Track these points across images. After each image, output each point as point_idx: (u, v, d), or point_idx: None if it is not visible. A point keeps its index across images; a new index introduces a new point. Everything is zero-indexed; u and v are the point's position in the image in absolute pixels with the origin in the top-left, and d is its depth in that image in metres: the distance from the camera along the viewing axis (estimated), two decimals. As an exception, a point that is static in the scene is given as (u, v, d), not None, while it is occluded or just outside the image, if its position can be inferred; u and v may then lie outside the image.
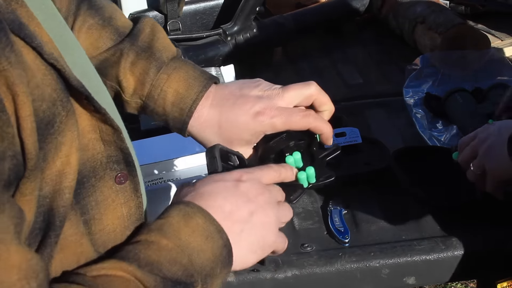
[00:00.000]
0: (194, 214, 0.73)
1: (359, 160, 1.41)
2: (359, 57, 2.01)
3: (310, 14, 2.07)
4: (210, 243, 0.72)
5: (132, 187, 0.77)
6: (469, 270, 1.21)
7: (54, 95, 0.64)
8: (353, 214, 1.27)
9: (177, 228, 0.72)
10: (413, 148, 1.42)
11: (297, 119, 0.93)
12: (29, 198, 0.61)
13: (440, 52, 1.76)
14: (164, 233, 0.71)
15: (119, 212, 0.75)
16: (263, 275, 1.14)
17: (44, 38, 0.65)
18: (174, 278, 0.68)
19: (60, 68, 0.65)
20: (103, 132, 0.73)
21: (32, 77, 0.62)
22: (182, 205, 0.74)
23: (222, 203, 0.77)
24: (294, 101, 0.95)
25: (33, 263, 0.57)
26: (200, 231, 0.72)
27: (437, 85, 1.66)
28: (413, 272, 1.18)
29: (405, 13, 1.97)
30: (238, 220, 0.77)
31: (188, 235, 0.71)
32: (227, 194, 0.77)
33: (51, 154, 0.64)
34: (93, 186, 0.71)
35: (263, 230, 0.79)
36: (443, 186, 1.31)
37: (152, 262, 0.68)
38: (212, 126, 0.93)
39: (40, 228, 0.64)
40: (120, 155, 0.75)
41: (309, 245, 1.21)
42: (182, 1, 1.94)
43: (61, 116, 0.65)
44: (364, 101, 1.72)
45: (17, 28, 0.61)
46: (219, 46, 1.91)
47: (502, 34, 1.96)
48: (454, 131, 1.48)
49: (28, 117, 0.59)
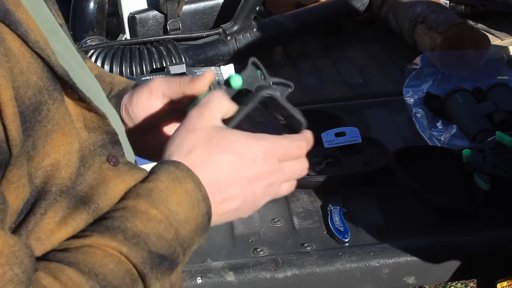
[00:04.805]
0: (184, 179, 0.70)
1: (359, 160, 1.42)
2: (359, 56, 2.01)
3: (310, 14, 2.07)
4: (195, 212, 0.70)
5: (129, 164, 0.75)
6: (469, 270, 1.21)
7: (40, 83, 0.63)
8: (353, 214, 1.27)
9: (166, 194, 0.69)
10: (413, 147, 1.42)
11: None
12: (16, 185, 0.60)
13: (440, 52, 1.76)
14: (153, 201, 0.68)
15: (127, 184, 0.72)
16: (263, 274, 1.15)
17: (31, 25, 0.64)
18: (159, 253, 0.66)
19: (45, 57, 0.65)
20: (87, 120, 0.71)
21: (16, 63, 0.61)
22: (172, 167, 0.71)
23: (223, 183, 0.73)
24: None
25: (16, 249, 0.56)
26: (188, 199, 0.69)
27: (437, 84, 1.66)
28: (413, 272, 1.18)
29: (405, 13, 1.97)
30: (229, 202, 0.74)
31: (177, 204, 0.69)
32: (231, 171, 0.73)
33: (41, 142, 0.63)
34: (82, 175, 0.69)
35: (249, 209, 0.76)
36: (443, 185, 1.31)
37: (139, 234, 0.66)
38: None
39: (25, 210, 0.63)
40: (106, 138, 0.73)
41: (309, 245, 1.21)
42: (182, 1, 1.94)
43: (48, 104, 0.64)
44: (364, 100, 1.73)
45: (2, 15, 0.61)
46: (219, 46, 1.91)
47: (502, 34, 1.97)
48: (454, 130, 1.48)
49: (9, 101, 0.58)
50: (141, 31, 1.95)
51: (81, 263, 0.62)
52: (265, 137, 0.75)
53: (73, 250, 0.64)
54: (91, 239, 0.64)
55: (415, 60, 1.74)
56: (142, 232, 0.66)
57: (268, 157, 0.74)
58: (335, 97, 1.77)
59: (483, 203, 1.24)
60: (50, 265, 0.61)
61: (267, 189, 0.76)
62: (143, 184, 0.70)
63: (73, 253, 0.63)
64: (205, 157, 0.72)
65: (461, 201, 1.28)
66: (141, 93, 0.85)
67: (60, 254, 0.63)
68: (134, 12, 1.96)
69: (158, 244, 0.66)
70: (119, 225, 0.66)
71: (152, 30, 1.97)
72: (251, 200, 0.75)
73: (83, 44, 1.85)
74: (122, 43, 1.87)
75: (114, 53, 1.81)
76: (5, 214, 0.58)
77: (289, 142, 0.76)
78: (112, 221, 0.66)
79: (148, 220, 0.67)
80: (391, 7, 2.05)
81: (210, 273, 1.14)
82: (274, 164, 0.75)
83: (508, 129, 1.35)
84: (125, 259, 0.64)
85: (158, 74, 1.72)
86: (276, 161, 0.75)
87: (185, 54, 1.84)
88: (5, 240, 0.56)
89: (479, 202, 1.25)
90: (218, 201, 0.73)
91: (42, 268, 0.61)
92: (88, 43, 1.86)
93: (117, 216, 0.67)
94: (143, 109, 0.85)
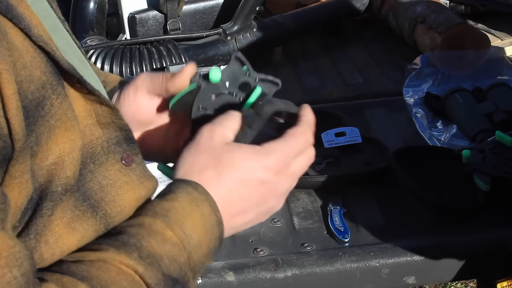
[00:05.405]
0: (202, 203, 0.70)
1: (359, 160, 1.42)
2: (359, 56, 2.01)
3: (310, 14, 2.07)
4: (208, 236, 0.70)
5: (141, 167, 0.74)
6: (469, 270, 1.21)
7: (43, 78, 0.63)
8: (353, 214, 1.27)
9: (182, 216, 0.69)
10: (413, 147, 1.42)
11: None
12: (19, 181, 0.60)
13: (440, 52, 1.76)
14: (169, 222, 0.68)
15: (137, 194, 0.72)
16: (263, 274, 1.15)
17: (33, 21, 0.64)
18: (172, 276, 0.66)
19: (50, 51, 0.64)
20: (100, 115, 0.70)
21: (19, 57, 0.61)
22: (191, 188, 0.71)
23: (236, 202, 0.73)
24: None
25: (15, 250, 0.55)
26: (203, 223, 0.70)
27: (437, 84, 1.66)
28: (413, 272, 1.18)
29: (405, 13, 1.97)
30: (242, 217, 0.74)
31: (192, 228, 0.69)
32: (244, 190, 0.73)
33: (44, 137, 0.62)
34: (92, 172, 0.69)
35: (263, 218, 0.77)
36: (443, 185, 1.31)
37: (153, 254, 0.65)
38: None
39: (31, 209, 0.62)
40: (120, 135, 0.72)
41: (309, 245, 1.21)
42: (182, 1, 1.94)
43: (51, 99, 0.63)
44: (364, 100, 1.73)
45: (4, 9, 0.61)
46: (219, 46, 1.91)
47: (502, 34, 1.97)
48: (454, 130, 1.48)
49: (12, 95, 0.58)
50: (141, 31, 1.95)
51: (94, 278, 0.62)
52: (273, 148, 0.74)
53: (88, 263, 0.63)
54: (106, 254, 0.64)
55: (415, 60, 1.74)
56: (156, 252, 0.66)
57: (280, 168, 0.74)
58: (335, 97, 1.77)
59: (483, 203, 1.24)
60: (63, 278, 0.61)
61: (281, 196, 0.76)
62: (160, 202, 0.70)
63: (87, 266, 0.63)
64: (217, 177, 0.72)
65: (461, 201, 1.28)
66: (128, 90, 0.85)
67: (74, 267, 0.63)
68: (134, 12, 1.96)
69: (171, 267, 0.66)
70: (135, 242, 0.65)
71: (152, 30, 1.97)
72: (265, 211, 0.76)
73: (83, 44, 1.85)
74: (122, 43, 1.87)
75: (114, 53, 1.81)
76: (5, 214, 0.57)
77: (295, 140, 0.75)
78: (128, 238, 0.66)
79: (163, 241, 0.67)
80: (391, 7, 2.06)
81: (210, 273, 1.14)
82: (286, 172, 0.75)
83: (508, 129, 1.35)
84: (139, 279, 0.64)
85: (158, 74, 1.72)
86: (287, 169, 0.75)
87: (185, 54, 1.84)
88: (4, 241, 0.55)
89: (479, 202, 1.25)
90: (231, 217, 0.73)
91: (55, 280, 0.60)
92: (88, 43, 1.86)
93: (133, 232, 0.67)
94: (130, 107, 0.84)
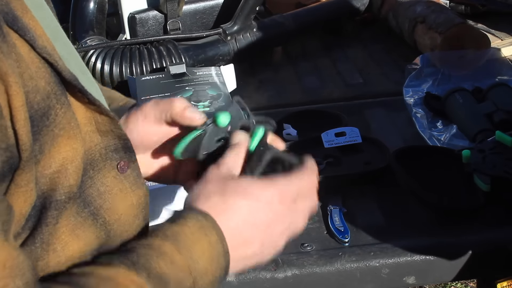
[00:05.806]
0: (210, 232, 0.71)
1: (359, 160, 1.42)
2: (359, 56, 2.01)
3: (310, 14, 2.07)
4: (214, 265, 0.71)
5: (135, 174, 0.76)
6: (469, 270, 1.21)
7: (48, 88, 0.64)
8: (353, 214, 1.27)
9: (191, 242, 0.70)
10: (413, 147, 1.42)
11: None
12: (25, 189, 0.60)
13: (440, 52, 1.76)
14: (178, 245, 0.69)
15: (129, 201, 0.74)
16: (263, 274, 1.15)
17: (38, 31, 0.65)
18: None
19: (53, 62, 0.65)
20: (99, 123, 0.72)
21: (26, 68, 0.62)
22: (201, 216, 0.72)
23: (241, 229, 0.74)
24: None
25: (19, 261, 0.56)
26: (210, 251, 0.71)
27: (437, 84, 1.66)
28: (413, 272, 1.18)
29: (405, 13, 1.97)
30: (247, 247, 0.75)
31: (199, 254, 0.70)
32: (248, 217, 0.74)
33: (47, 146, 0.63)
34: (91, 178, 0.70)
35: (268, 252, 0.78)
36: (443, 185, 1.31)
37: (161, 276, 0.66)
38: None
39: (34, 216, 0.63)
40: (118, 143, 0.74)
41: (309, 245, 1.21)
42: (182, 1, 1.94)
43: (56, 109, 0.64)
44: (364, 100, 1.73)
45: (11, 21, 0.61)
46: (219, 46, 1.91)
47: (502, 34, 1.97)
48: (454, 130, 1.48)
49: (21, 107, 0.59)
50: (141, 31, 1.95)
51: None
52: (278, 180, 0.76)
53: (97, 278, 0.63)
54: (117, 270, 0.64)
55: (415, 60, 1.74)
56: (164, 274, 0.66)
57: (284, 199, 0.76)
58: (335, 97, 1.77)
59: (483, 203, 1.24)
60: None
61: (285, 230, 0.77)
62: (171, 225, 0.71)
63: (96, 281, 0.63)
64: (222, 204, 0.73)
65: (461, 201, 1.28)
66: (136, 116, 0.86)
67: (83, 281, 0.63)
68: (134, 12, 1.96)
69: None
70: (144, 262, 0.66)
71: (152, 30, 1.97)
72: (269, 243, 0.77)
73: (83, 44, 1.85)
74: (122, 43, 1.87)
75: (114, 53, 1.81)
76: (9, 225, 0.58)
77: (301, 178, 0.78)
78: (137, 257, 0.67)
79: (171, 264, 0.67)
80: (391, 7, 2.06)
81: (210, 273, 1.14)
82: (290, 205, 0.76)
83: (508, 129, 1.35)
84: None
85: (158, 74, 1.72)
86: (291, 202, 0.76)
87: (185, 54, 1.84)
88: (8, 252, 0.55)
89: (479, 202, 1.25)
90: (236, 247, 0.74)
91: None
92: (88, 43, 1.86)
93: (143, 253, 0.67)
94: (139, 132, 0.86)
